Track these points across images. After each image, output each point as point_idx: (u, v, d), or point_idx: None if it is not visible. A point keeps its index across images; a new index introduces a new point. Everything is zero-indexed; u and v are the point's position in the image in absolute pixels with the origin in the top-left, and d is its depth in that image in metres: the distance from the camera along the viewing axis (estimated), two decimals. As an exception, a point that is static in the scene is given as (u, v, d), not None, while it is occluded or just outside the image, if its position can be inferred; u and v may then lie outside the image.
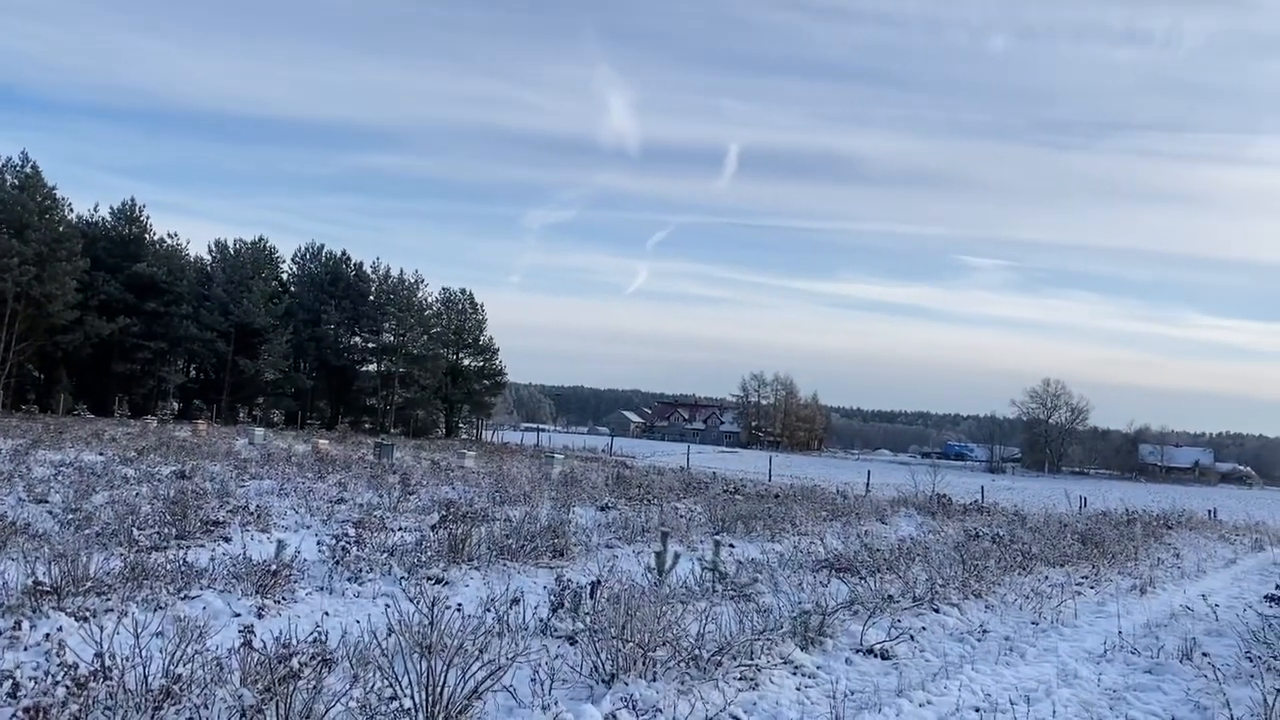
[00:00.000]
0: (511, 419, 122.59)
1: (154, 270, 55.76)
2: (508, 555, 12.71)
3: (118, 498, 15.93)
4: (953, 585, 10.58)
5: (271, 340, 59.78)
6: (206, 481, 19.50)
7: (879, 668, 7.79)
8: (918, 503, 25.29)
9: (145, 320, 54.77)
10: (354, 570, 11.10)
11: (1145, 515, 24.52)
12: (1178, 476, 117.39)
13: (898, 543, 14.29)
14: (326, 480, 22.28)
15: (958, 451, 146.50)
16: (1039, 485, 67.93)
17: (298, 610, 9.71)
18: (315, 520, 16.11)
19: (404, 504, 18.64)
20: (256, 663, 6.03)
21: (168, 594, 9.32)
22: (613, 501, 21.75)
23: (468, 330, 74.28)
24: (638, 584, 9.74)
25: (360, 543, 12.23)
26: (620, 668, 6.65)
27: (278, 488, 19.92)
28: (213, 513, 14.70)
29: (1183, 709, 7.22)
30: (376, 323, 68.31)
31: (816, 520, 19.81)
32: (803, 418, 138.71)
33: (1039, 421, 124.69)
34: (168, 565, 10.25)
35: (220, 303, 58.22)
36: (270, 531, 14.50)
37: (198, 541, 13.02)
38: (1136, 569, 14.66)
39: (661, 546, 10.13)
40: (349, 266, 69.15)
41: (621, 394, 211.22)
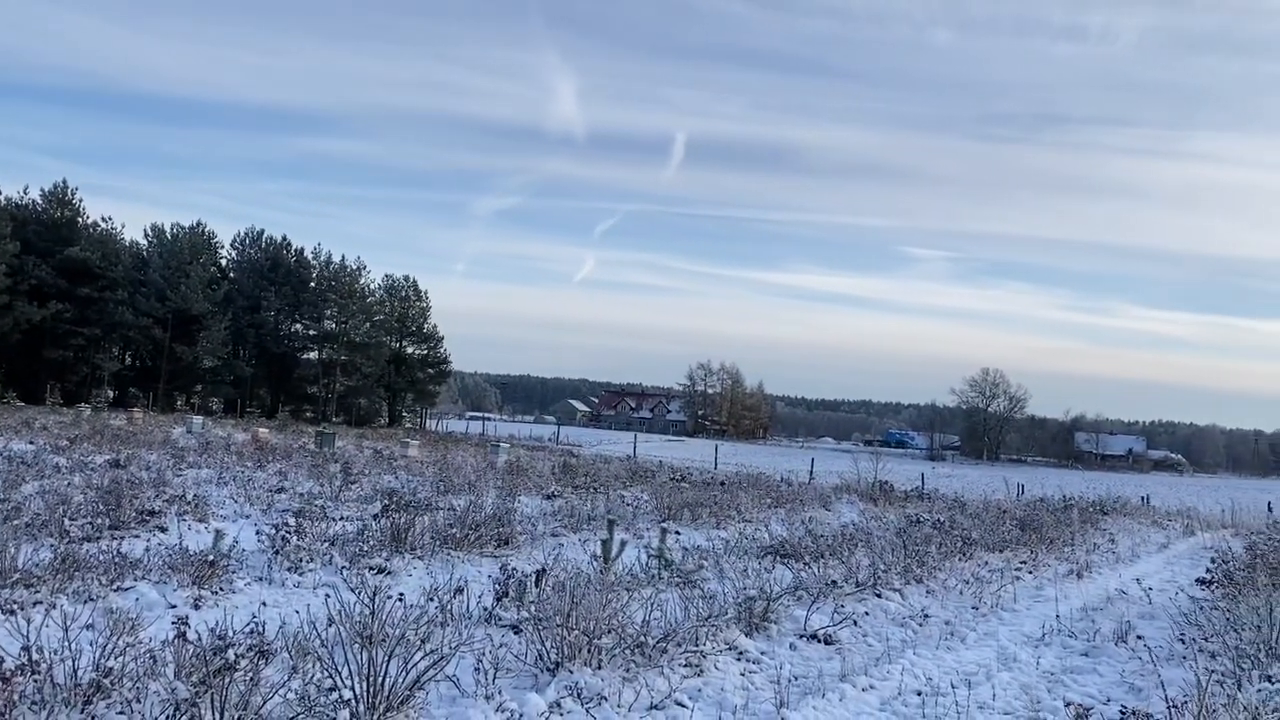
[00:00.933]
0: (456, 408, 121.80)
1: (87, 255, 54.28)
2: (452, 544, 12.59)
3: (49, 488, 15.55)
4: (895, 571, 10.69)
5: (210, 327, 58.61)
6: (142, 471, 19.09)
7: (823, 653, 7.84)
8: (860, 490, 25.56)
9: (78, 306, 53.34)
10: (294, 560, 10.91)
11: (1081, 502, 25.03)
12: (1112, 464, 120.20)
13: (841, 529, 14.43)
14: (266, 469, 21.93)
15: (899, 439, 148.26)
16: (978, 473, 69.11)
17: (235, 601, 9.53)
18: (255, 510, 15.84)
19: (346, 493, 18.40)
20: (191, 655, 5.90)
21: (100, 586, 9.09)
22: (559, 490, 21.66)
23: (411, 318, 73.47)
24: (583, 572, 9.69)
25: (300, 532, 12.03)
26: (565, 656, 6.61)
27: (216, 477, 19.56)
28: (148, 502, 14.39)
29: (1118, 690, 7.36)
30: (318, 310, 67.26)
31: (761, 507, 19.92)
32: (749, 406, 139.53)
33: (978, 410, 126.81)
34: (101, 556, 9.99)
35: (157, 288, 56.91)
36: (208, 521, 14.23)
37: (132, 532, 12.73)
38: (1073, 554, 14.95)
39: (608, 534, 10.09)
40: (290, 253, 67.97)
41: (568, 383, 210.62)
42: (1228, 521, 25.80)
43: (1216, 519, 26.41)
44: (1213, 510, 29.26)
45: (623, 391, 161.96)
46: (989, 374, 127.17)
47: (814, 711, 6.20)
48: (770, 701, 6.34)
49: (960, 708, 6.49)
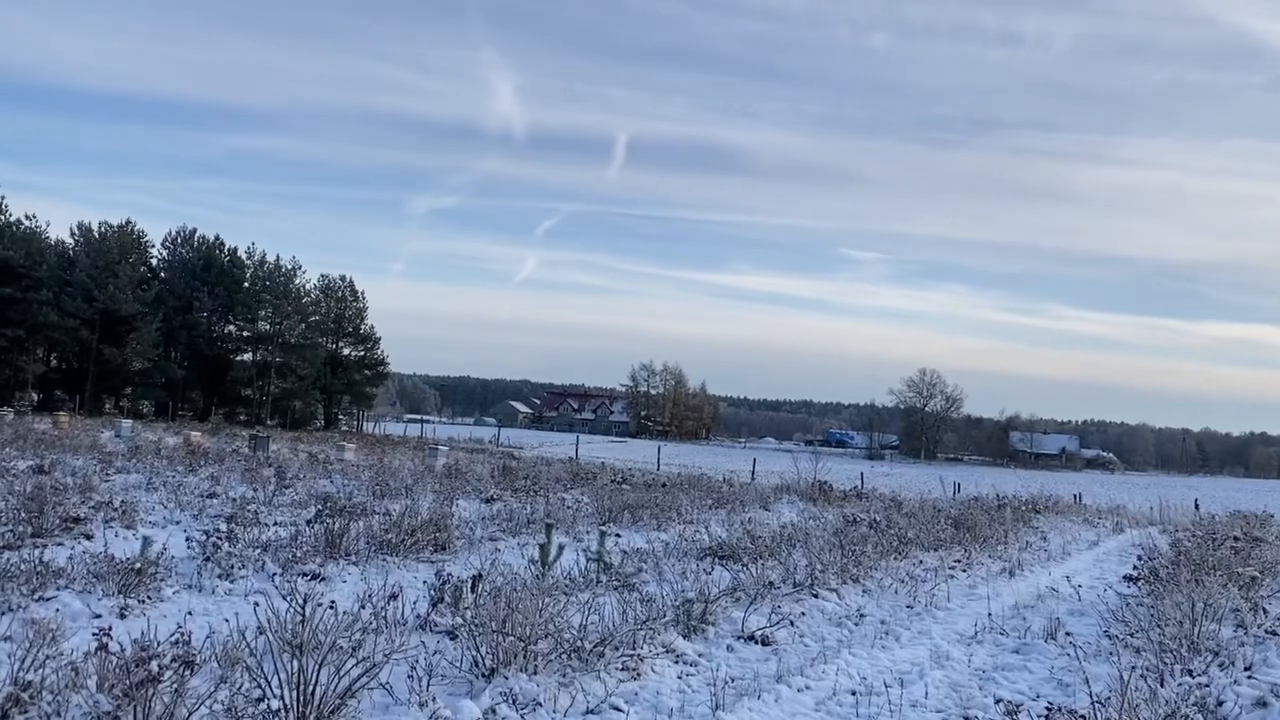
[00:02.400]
0: (394, 410, 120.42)
1: (10, 253, 52.70)
2: (387, 550, 12.44)
3: (-33, 494, 15.05)
4: (832, 570, 10.79)
5: (140, 328, 57.25)
6: (68, 476, 18.59)
7: (760, 654, 7.87)
8: (800, 489, 25.77)
9: (1, 306, 51.78)
10: (225, 567, 10.69)
11: (1015, 500, 25.50)
12: (1046, 463, 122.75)
13: (780, 529, 14.51)
14: (198, 474, 21.50)
15: (839, 439, 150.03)
16: (915, 471, 70.16)
17: (164, 610, 9.30)
18: (185, 515, 15.52)
19: (280, 498, 18.12)
20: (114, 666, 5.74)
21: (20, 595, 8.81)
22: (498, 493, 21.52)
23: (348, 319, 72.55)
24: (520, 576, 9.63)
25: (232, 538, 11.79)
26: (501, 662, 6.55)
27: (146, 482, 19.14)
28: (73, 509, 14.00)
29: (1047, 687, 7.49)
30: (252, 310, 66.10)
31: (702, 508, 19.99)
32: (691, 407, 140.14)
33: (915, 410, 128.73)
34: (22, 565, 9.69)
35: (84, 288, 55.45)
36: (136, 528, 13.91)
37: (56, 539, 12.39)
38: (1006, 552, 15.21)
39: (545, 538, 10.04)
40: (223, 252, 66.72)
41: (510, 384, 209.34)
42: (1156, 518, 26.46)
43: (1145, 516, 27.07)
44: (1142, 508, 29.97)
45: (565, 392, 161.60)
46: (926, 374, 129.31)
47: (749, 713, 6.22)
48: (706, 704, 6.34)
49: (893, 706, 6.56)
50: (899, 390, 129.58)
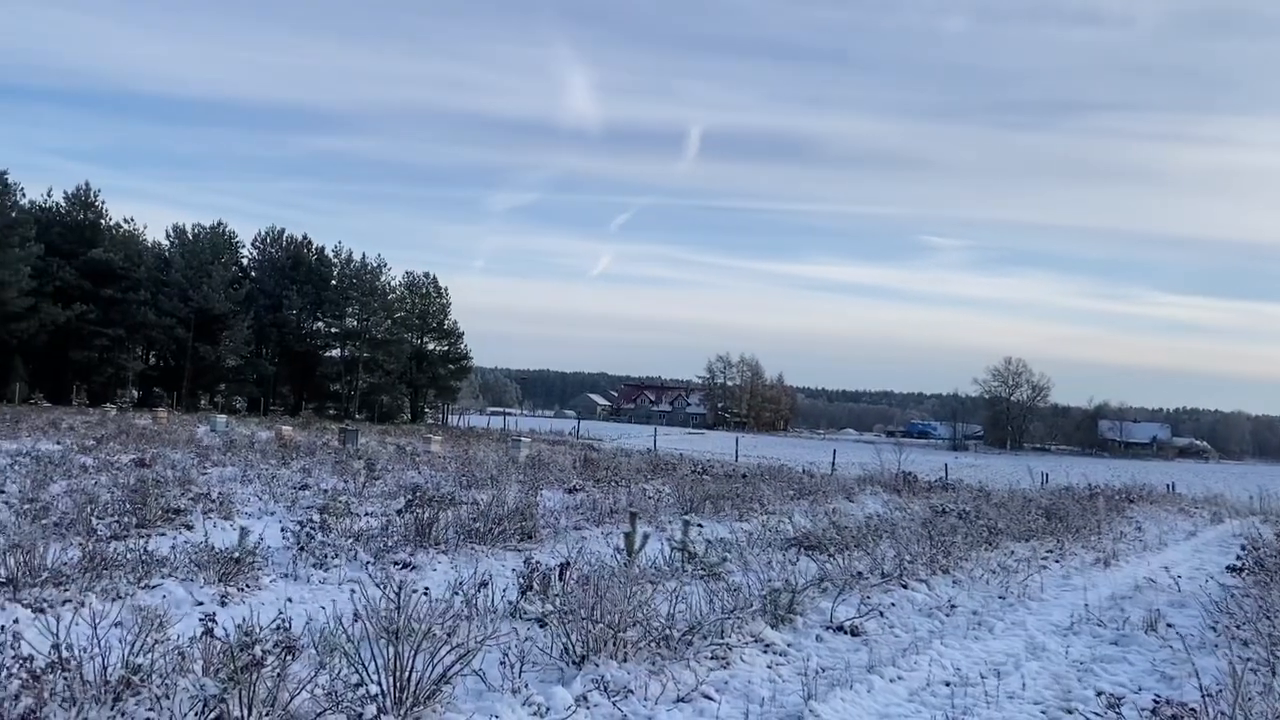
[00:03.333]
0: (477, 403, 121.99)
1: (110, 256, 54.71)
2: (475, 539, 12.61)
3: (76, 487, 15.66)
4: (920, 561, 10.62)
5: (232, 326, 58.97)
6: (168, 469, 19.21)
7: (849, 644, 7.79)
8: (884, 481, 25.43)
9: (102, 307, 53.77)
10: (319, 556, 10.96)
11: (1107, 490, 24.80)
12: (1136, 452, 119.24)
13: (865, 520, 14.34)
14: (290, 466, 22.04)
15: (921, 430, 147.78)
16: (1001, 462, 68.65)
17: (262, 598, 9.56)
18: (279, 507, 15.92)
19: (370, 489, 18.47)
20: (219, 651, 5.92)
21: (127, 584, 9.15)
22: (580, 484, 21.66)
23: (432, 314, 73.67)
24: (607, 565, 9.69)
25: (325, 528, 12.08)
26: (591, 649, 6.59)
27: (241, 475, 19.68)
28: (174, 501, 14.47)
29: (1149, 679, 7.28)
30: (339, 307, 67.54)
31: (784, 499, 19.86)
32: (769, 398, 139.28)
33: (1001, 399, 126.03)
34: (128, 555, 10.05)
35: (179, 288, 57.30)
36: (233, 519, 14.30)
37: (159, 530, 12.82)
38: (1099, 542, 14.81)
39: (630, 527, 10.07)
40: (310, 251, 68.29)
41: (587, 377, 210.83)
42: (1256, 508, 25.51)
43: (1245, 506, 26.12)
44: (1240, 497, 28.95)
45: (642, 385, 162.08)
46: (1011, 363, 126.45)
47: (842, 703, 6.16)
48: (798, 694, 6.30)
49: (990, 698, 6.43)
50: (983, 380, 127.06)
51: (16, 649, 5.62)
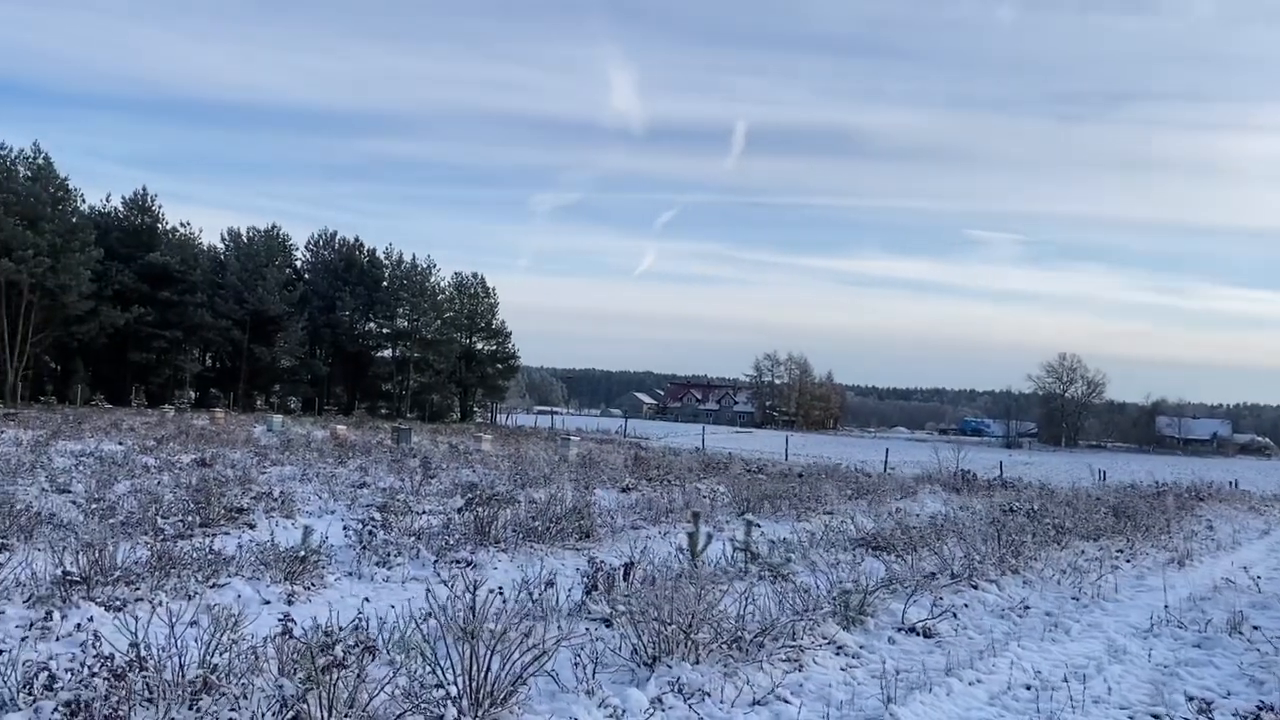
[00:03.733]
0: (524, 402, 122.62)
1: (167, 259, 55.71)
2: (534, 537, 12.60)
3: (140, 486, 15.91)
4: (990, 561, 10.39)
5: (287, 327, 59.80)
6: (228, 469, 19.46)
7: (923, 646, 7.63)
8: (942, 479, 25.08)
9: (160, 309, 54.78)
10: (382, 555, 11.00)
11: (1174, 488, 24.18)
12: (1195, 449, 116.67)
13: (930, 519, 14.09)
14: (347, 465, 22.24)
15: (974, 427, 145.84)
16: (1057, 459, 67.51)
17: (327, 596, 9.61)
18: (339, 505, 16.04)
19: (426, 487, 18.57)
20: (293, 651, 5.92)
21: (196, 582, 9.23)
22: (633, 482, 21.62)
23: (480, 314, 74.19)
24: (670, 565, 9.61)
25: (386, 527, 12.14)
26: (662, 650, 6.51)
27: (299, 474, 19.87)
28: (236, 500, 14.64)
29: (1238, 684, 7.04)
30: (390, 308, 68.21)
31: (841, 499, 19.64)
32: (818, 396, 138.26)
33: (1055, 396, 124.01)
34: (194, 553, 10.16)
35: (235, 291, 58.19)
36: (294, 517, 14.43)
37: (222, 529, 12.95)
38: (1171, 542, 14.44)
39: (693, 527, 9.98)
40: (362, 253, 69.06)
41: (633, 376, 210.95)
42: (1330, 506, 24.75)
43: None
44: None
45: (688, 383, 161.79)
46: (1066, 359, 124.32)
47: (922, 706, 6.01)
48: (875, 697, 6.16)
49: (1074, 702, 6.25)
50: (1037, 376, 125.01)
51: (97, 648, 5.67)
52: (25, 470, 16.86)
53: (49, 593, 8.29)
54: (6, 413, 34.77)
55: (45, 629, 7.61)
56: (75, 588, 8.43)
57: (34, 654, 6.74)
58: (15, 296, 46.60)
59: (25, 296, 46.69)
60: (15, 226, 45.91)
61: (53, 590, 8.30)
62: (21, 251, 45.55)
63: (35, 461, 18.10)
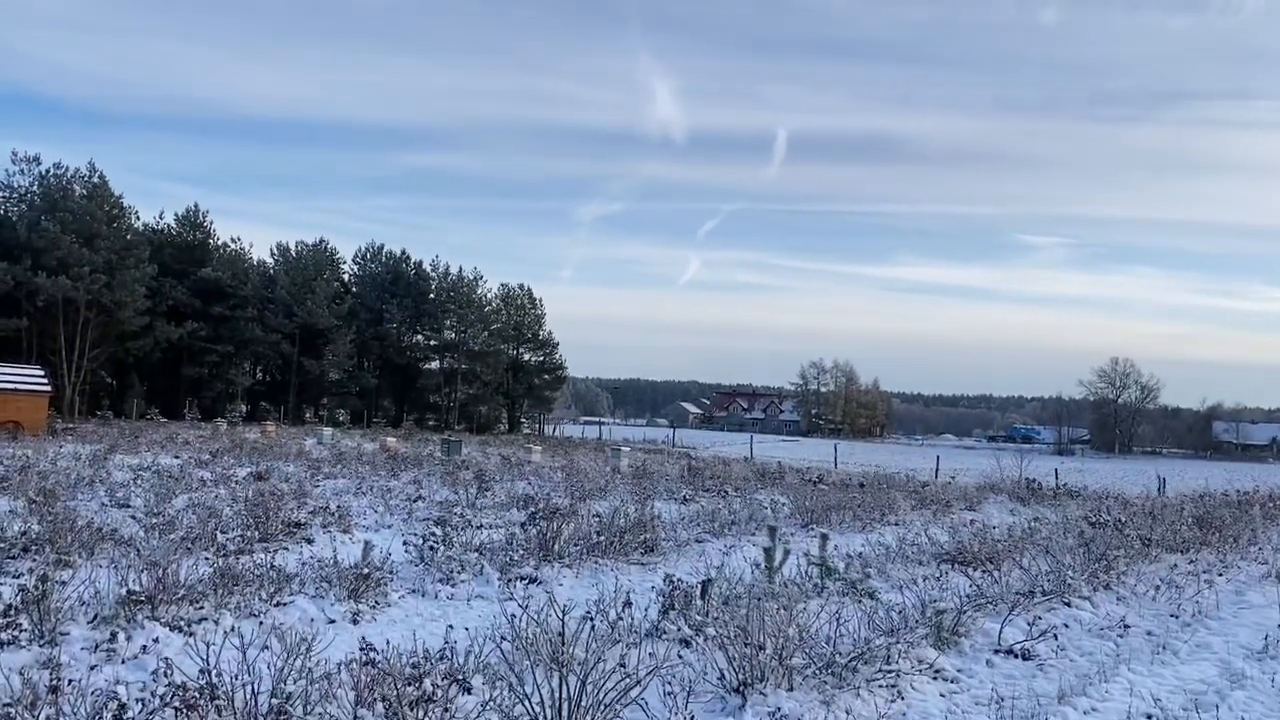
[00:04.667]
0: (570, 413, 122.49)
1: (219, 274, 56.31)
2: (597, 552, 12.30)
3: (197, 500, 15.86)
4: (1081, 577, 9.87)
5: (335, 340, 60.15)
6: (283, 482, 19.38)
7: (1023, 670, 7.18)
8: (1006, 488, 24.42)
9: (212, 324, 55.38)
10: (445, 571, 10.75)
11: (1256, 495, 23.20)
12: (1255, 454, 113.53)
13: (1009, 531, 13.53)
14: (400, 478, 22.11)
15: (1024, 434, 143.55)
16: (1111, 466, 65.93)
17: (392, 615, 9.37)
18: (395, 519, 15.88)
19: (481, 500, 18.36)
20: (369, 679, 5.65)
21: (260, 600, 9.04)
22: (690, 493, 21.26)
23: (527, 325, 74.18)
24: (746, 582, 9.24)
25: (448, 542, 11.88)
26: (752, 676, 6.14)
27: (354, 487, 19.76)
28: (293, 514, 14.51)
29: (1372, 711, 6.53)
30: (438, 320, 68.40)
31: (906, 509, 19.12)
32: (864, 404, 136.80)
33: (1108, 401, 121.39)
34: (255, 570, 9.98)
35: (284, 304, 58.67)
36: (352, 532, 14.27)
37: (280, 544, 12.82)
38: (1262, 554, 13.77)
39: (770, 542, 9.60)
40: (409, 265, 69.37)
41: (678, 385, 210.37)
42: None
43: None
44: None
45: (734, 392, 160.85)
46: (1118, 363, 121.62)
47: (1038, 739, 5.60)
48: (985, 727, 5.76)
49: (1203, 734, 5.79)
50: (1089, 381, 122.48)
51: (169, 676, 5.43)
52: (85, 485, 16.88)
53: (113, 612, 8.12)
54: (65, 427, 35.20)
55: (111, 650, 7.43)
56: (140, 607, 8.25)
57: (101, 678, 6.56)
58: (72, 313, 47.28)
59: (82, 313, 47.35)
60: (72, 244, 46.62)
61: (117, 610, 8.13)
62: (78, 269, 46.24)
63: (94, 476, 18.14)
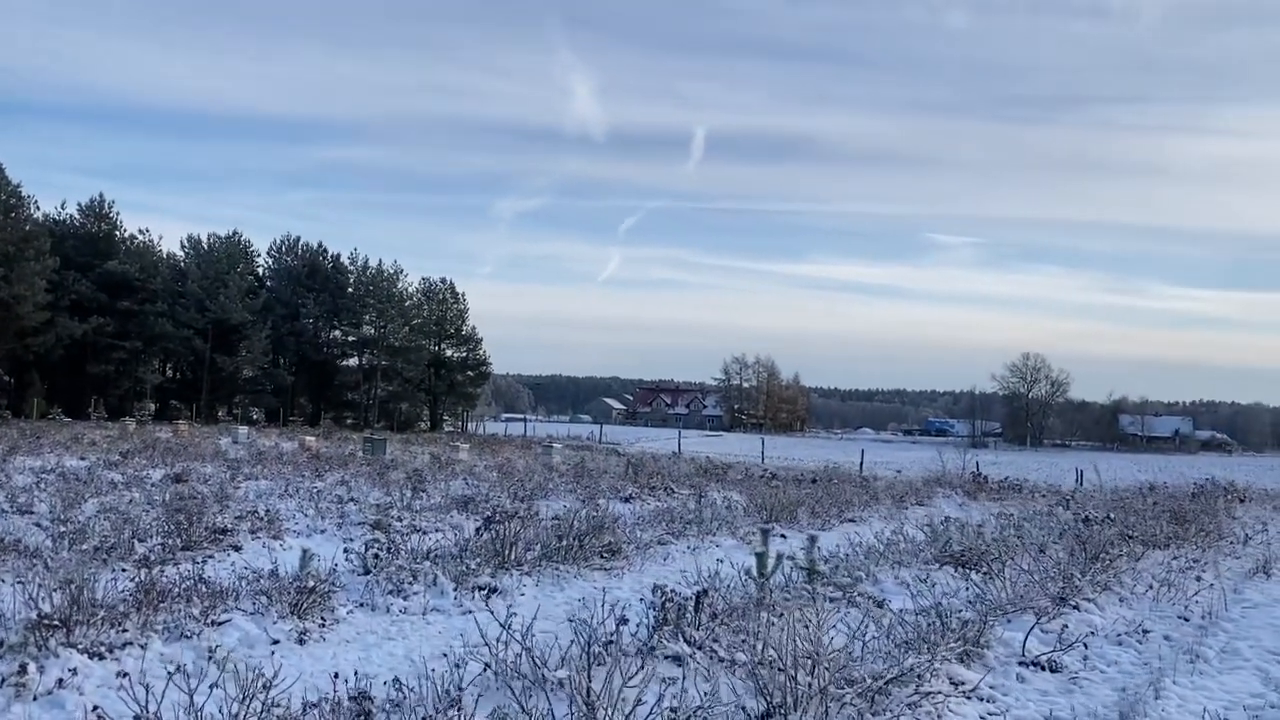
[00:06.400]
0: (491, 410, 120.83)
1: (126, 268, 53.61)
2: (556, 558, 11.46)
3: (109, 505, 14.67)
4: (1085, 579, 9.33)
5: (250, 336, 57.87)
6: (202, 485, 18.15)
7: (1058, 685, 6.56)
8: (953, 482, 24.17)
9: (119, 319, 52.69)
10: (395, 582, 9.79)
11: (1213, 488, 23.14)
12: (1159, 446, 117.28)
13: (976, 529, 13.01)
14: (326, 479, 20.95)
15: (939, 428, 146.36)
16: (1025, 459, 66.89)
17: (342, 633, 8.42)
18: (328, 523, 14.86)
19: (418, 502, 17.38)
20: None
21: (191, 620, 8.00)
22: (636, 492, 20.53)
23: (449, 320, 72.46)
24: (733, 589, 8.52)
25: (393, 549, 10.93)
26: (776, 704, 5.39)
27: (278, 489, 18.60)
28: (217, 519, 13.41)
29: None
30: (356, 315, 66.33)
31: (860, 505, 18.64)
32: (785, 399, 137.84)
33: (1019, 395, 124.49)
34: (182, 583, 8.94)
35: (196, 299, 56.21)
36: (283, 538, 13.24)
37: (206, 552, 11.76)
38: (1243, 549, 13.52)
39: (762, 546, 8.88)
40: (326, 259, 67.14)
41: (600, 381, 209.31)
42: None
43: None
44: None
45: (657, 388, 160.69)
46: (1030, 358, 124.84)
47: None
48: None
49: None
50: (1001, 376, 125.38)
51: None
52: (-18, 490, 15.44)
53: (21, 639, 7.03)
54: (-42, 428, 32.94)
55: (20, 686, 6.36)
56: (53, 632, 7.17)
57: None
58: (-34, 308, 44.58)
59: (-24, 307, 44.67)
60: (-36, 235, 43.92)
61: (26, 636, 7.04)
62: (-29, 260, 43.58)
63: (-8, 481, 16.65)
